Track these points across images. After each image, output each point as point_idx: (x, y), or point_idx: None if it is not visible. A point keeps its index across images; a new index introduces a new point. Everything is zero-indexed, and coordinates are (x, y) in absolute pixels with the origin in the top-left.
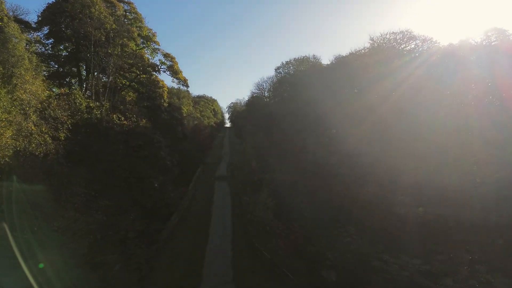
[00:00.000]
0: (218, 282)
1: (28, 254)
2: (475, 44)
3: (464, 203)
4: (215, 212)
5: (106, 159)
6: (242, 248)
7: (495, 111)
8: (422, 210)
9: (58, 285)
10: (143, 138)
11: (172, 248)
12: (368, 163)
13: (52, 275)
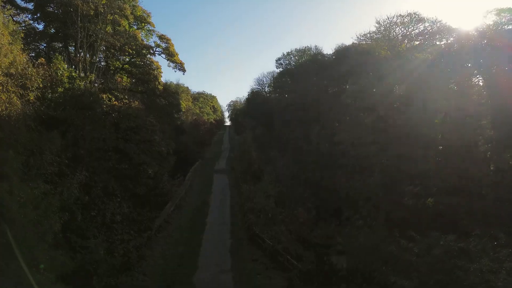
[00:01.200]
0: (215, 271)
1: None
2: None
3: (477, 192)
4: (213, 201)
5: (91, 136)
6: (242, 236)
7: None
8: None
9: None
10: (135, 120)
11: (166, 237)
12: (374, 153)
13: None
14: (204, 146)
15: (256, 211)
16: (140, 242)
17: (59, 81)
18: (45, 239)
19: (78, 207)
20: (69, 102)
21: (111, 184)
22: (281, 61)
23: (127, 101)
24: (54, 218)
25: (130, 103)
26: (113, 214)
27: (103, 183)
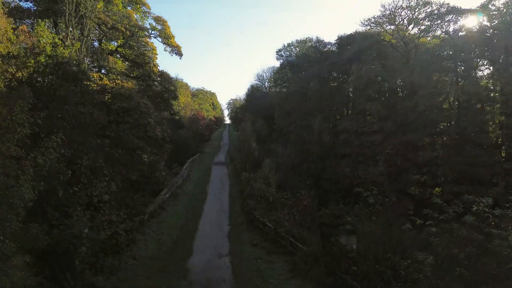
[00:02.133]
0: (211, 255)
1: None
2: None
3: (487, 180)
4: (212, 190)
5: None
6: (242, 222)
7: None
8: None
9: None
10: (128, 102)
11: (160, 222)
12: (378, 141)
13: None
14: (203, 141)
15: (256, 197)
16: (131, 226)
17: (42, 50)
18: (16, 209)
19: (60, 182)
20: (51, 71)
21: (99, 163)
22: (281, 52)
23: (120, 82)
24: (27, 186)
25: (123, 83)
26: (100, 193)
27: (90, 161)
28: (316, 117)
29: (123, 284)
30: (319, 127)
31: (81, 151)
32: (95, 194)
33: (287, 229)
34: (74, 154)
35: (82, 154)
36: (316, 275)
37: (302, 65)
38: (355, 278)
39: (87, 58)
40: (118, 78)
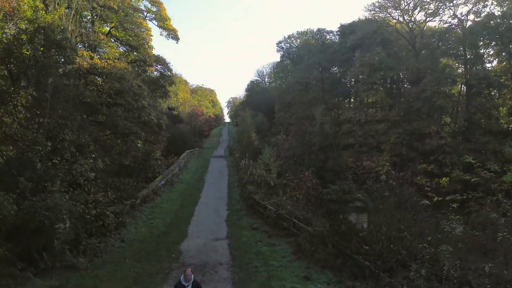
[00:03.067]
0: (207, 239)
1: None
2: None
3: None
4: (210, 179)
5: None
6: (241, 208)
7: None
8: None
9: None
10: (120, 82)
11: (153, 207)
12: (382, 131)
13: None
14: (202, 137)
15: (257, 182)
16: (121, 209)
17: (22, 15)
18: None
19: (37, 154)
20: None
21: (85, 139)
22: (282, 44)
23: (112, 62)
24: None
25: (115, 63)
26: (86, 171)
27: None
28: (318, 107)
29: (107, 267)
30: (321, 117)
31: (64, 125)
32: (79, 172)
33: (289, 211)
34: (56, 128)
35: (65, 128)
36: (323, 256)
37: (303, 56)
38: (367, 258)
39: (76, 36)
40: (110, 57)
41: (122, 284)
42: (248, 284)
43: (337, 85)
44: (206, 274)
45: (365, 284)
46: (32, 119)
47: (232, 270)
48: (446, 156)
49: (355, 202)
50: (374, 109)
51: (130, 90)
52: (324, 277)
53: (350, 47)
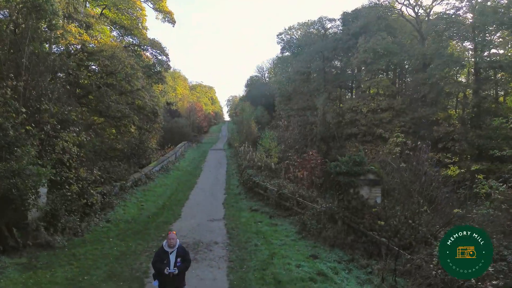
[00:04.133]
0: (202, 220)
1: None
2: None
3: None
4: (207, 167)
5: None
6: (240, 192)
7: None
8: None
9: None
10: (111, 61)
11: (145, 190)
12: (387, 119)
13: None
14: (201, 133)
15: (257, 166)
16: (109, 190)
17: None
18: None
19: (8, 118)
20: None
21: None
22: (282, 35)
23: (103, 41)
24: None
25: (106, 41)
26: (68, 146)
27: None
28: (319, 96)
29: (88, 245)
30: (323, 107)
31: (44, 95)
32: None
33: (292, 191)
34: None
35: (44, 98)
36: (331, 234)
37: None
38: (383, 235)
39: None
40: (99, 34)
41: (101, 262)
42: (247, 262)
43: (340, 74)
44: (199, 253)
45: (382, 263)
46: (3, 79)
47: (228, 249)
48: (455, 143)
49: (368, 175)
50: (379, 97)
51: (122, 70)
52: (334, 256)
53: (353, 34)
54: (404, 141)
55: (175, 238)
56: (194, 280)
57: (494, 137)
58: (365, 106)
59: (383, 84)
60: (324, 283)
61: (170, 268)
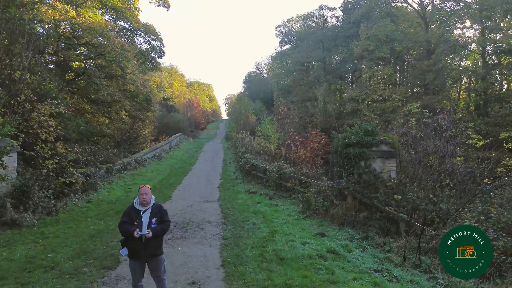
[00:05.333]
0: (194, 201)
1: None
2: None
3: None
4: (203, 157)
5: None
6: (236, 177)
7: None
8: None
9: None
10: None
11: (134, 174)
12: (390, 108)
13: None
14: (199, 129)
15: (255, 150)
16: (94, 171)
17: None
18: None
19: None
20: None
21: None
22: (281, 28)
23: (91, 20)
24: None
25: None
26: (46, 120)
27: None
28: (319, 86)
29: (61, 224)
30: (324, 97)
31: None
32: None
33: (294, 171)
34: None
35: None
36: (340, 212)
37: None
38: (400, 211)
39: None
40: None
41: (71, 240)
42: (244, 239)
43: (340, 64)
44: (189, 231)
45: (402, 240)
46: None
47: (223, 227)
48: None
49: (381, 146)
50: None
51: (112, 51)
52: (344, 234)
53: (354, 22)
54: (420, 110)
55: (149, 194)
56: (179, 257)
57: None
58: (367, 95)
59: (386, 72)
60: (335, 260)
61: (142, 230)
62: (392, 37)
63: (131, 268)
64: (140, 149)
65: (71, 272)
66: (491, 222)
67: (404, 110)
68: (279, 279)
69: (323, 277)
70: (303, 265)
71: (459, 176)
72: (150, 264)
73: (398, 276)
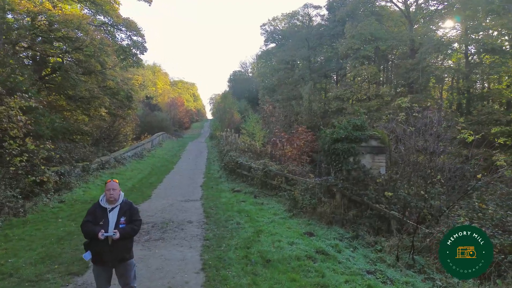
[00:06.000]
0: (176, 200)
1: None
2: None
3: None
4: (187, 156)
5: None
6: (220, 175)
7: None
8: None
9: None
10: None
11: (113, 173)
12: (375, 107)
13: None
14: (183, 129)
15: (239, 149)
16: (68, 170)
17: None
18: None
19: None
20: None
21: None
22: (265, 26)
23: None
24: None
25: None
26: (15, 114)
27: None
28: (305, 85)
29: (28, 226)
30: (309, 96)
31: None
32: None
33: (280, 168)
34: None
35: None
36: (328, 210)
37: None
38: (392, 208)
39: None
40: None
41: (37, 243)
42: (227, 240)
43: (325, 62)
44: (168, 232)
45: (394, 239)
46: None
47: (205, 228)
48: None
49: (370, 141)
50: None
51: (90, 45)
52: (333, 233)
53: (339, 20)
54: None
55: (117, 189)
56: (156, 260)
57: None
58: (352, 93)
59: (370, 71)
60: (325, 262)
61: (108, 230)
62: (377, 36)
63: (95, 274)
64: (120, 147)
65: (32, 279)
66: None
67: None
68: (265, 283)
69: (312, 280)
70: (290, 267)
71: (448, 172)
72: (117, 270)
73: (392, 277)
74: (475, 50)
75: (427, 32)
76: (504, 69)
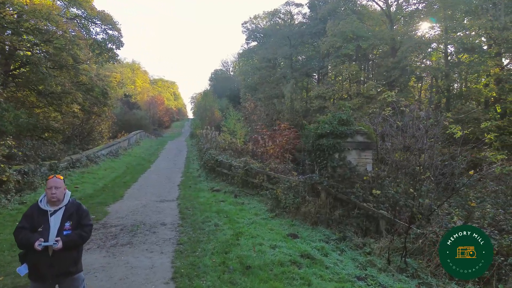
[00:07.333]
0: (150, 201)
1: None
2: None
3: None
4: (165, 155)
5: None
6: (200, 174)
7: None
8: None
9: None
10: (47, 23)
11: (84, 172)
12: (358, 105)
13: None
14: (163, 128)
15: (219, 147)
16: (33, 168)
17: None
18: None
19: None
20: None
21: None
22: (247, 24)
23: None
24: None
25: None
26: None
27: None
28: (286, 83)
29: None
30: (291, 94)
31: None
32: None
33: (261, 166)
34: None
35: None
36: (313, 209)
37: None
38: (380, 207)
39: None
40: None
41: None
42: (203, 244)
43: (307, 61)
44: (137, 235)
45: (383, 240)
46: None
47: (179, 230)
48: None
49: (356, 137)
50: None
51: (61, 37)
52: (318, 235)
53: (321, 18)
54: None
55: (61, 187)
56: (120, 269)
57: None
58: (334, 92)
59: (352, 69)
60: (311, 267)
61: (48, 239)
62: (358, 34)
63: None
64: (95, 146)
65: None
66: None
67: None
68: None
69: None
70: (273, 275)
71: (436, 169)
72: (61, 286)
73: (384, 284)
74: (455, 49)
75: (408, 31)
76: (483, 68)
